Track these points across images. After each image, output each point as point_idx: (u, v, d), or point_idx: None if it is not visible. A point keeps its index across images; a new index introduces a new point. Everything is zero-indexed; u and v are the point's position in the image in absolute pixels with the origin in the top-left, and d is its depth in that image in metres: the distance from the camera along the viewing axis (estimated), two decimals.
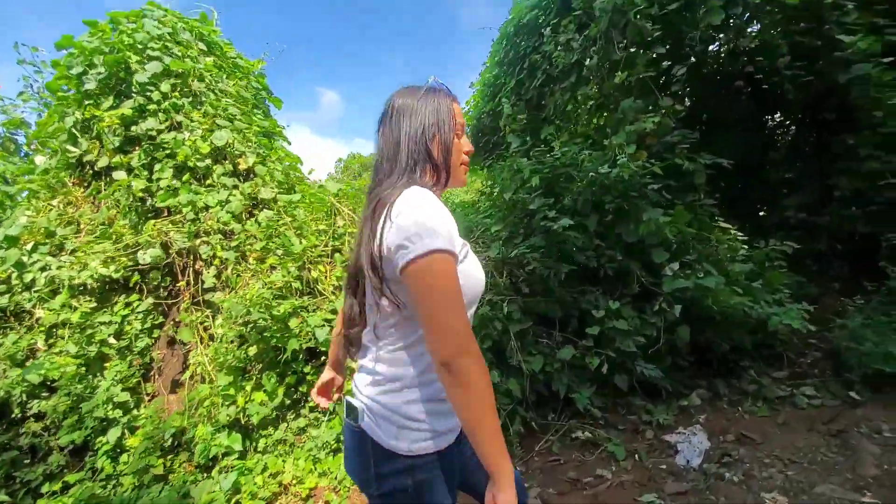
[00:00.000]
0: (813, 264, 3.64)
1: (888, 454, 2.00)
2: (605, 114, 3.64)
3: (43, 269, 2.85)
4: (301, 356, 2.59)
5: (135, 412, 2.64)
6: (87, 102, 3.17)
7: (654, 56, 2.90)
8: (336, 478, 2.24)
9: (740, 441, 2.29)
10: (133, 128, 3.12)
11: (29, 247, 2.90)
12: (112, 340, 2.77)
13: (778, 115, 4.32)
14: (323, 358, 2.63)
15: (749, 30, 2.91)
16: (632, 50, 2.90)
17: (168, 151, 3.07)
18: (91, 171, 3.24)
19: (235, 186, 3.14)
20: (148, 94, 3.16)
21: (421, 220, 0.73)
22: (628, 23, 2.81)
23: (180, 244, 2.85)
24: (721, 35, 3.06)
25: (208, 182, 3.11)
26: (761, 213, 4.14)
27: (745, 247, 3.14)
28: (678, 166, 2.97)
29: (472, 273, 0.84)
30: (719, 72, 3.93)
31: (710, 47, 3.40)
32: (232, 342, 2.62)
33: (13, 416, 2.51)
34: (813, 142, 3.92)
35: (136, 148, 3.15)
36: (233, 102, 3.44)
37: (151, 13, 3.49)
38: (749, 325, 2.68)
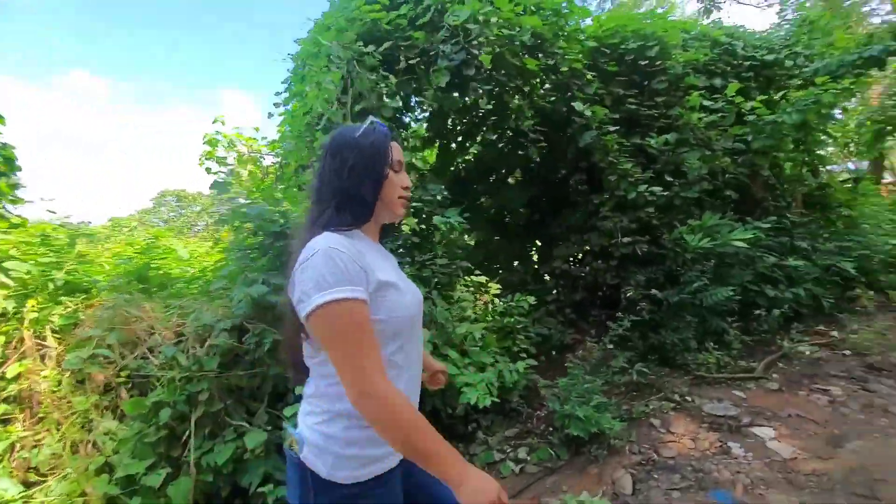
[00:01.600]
0: (572, 313, 3.91)
1: None
2: None
3: None
4: None
5: None
6: None
7: (394, 108, 2.81)
8: None
9: None
10: None
11: None
12: None
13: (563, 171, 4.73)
14: None
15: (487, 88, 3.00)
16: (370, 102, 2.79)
17: None
18: None
19: None
20: None
21: (315, 273, 0.80)
22: (357, 74, 2.69)
23: None
24: (455, 94, 3.14)
25: None
26: (535, 266, 4.40)
27: (498, 300, 3.20)
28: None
29: (394, 303, 0.89)
30: (499, 127, 4.12)
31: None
32: None
33: None
34: (580, 198, 4.30)
35: None
36: None
37: None
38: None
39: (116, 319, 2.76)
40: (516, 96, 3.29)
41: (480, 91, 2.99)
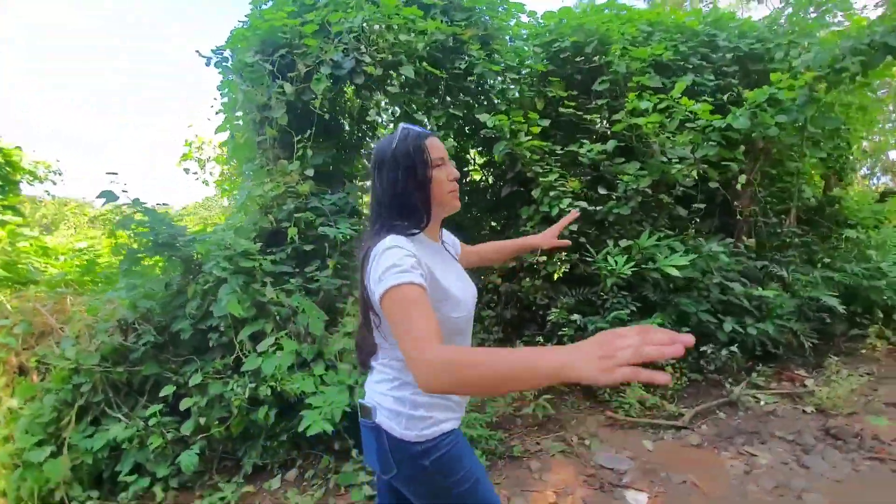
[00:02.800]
0: (501, 331, 3.62)
1: None
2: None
3: None
4: None
5: None
6: None
7: (278, 119, 2.77)
8: None
9: None
10: None
11: None
12: None
13: None
14: None
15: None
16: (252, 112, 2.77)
17: None
18: None
19: None
20: None
21: (381, 265, 0.89)
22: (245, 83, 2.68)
23: None
24: (347, 102, 3.00)
25: None
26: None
27: None
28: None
29: (449, 307, 0.99)
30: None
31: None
32: None
33: None
34: (511, 211, 3.98)
35: None
36: None
37: None
38: None
39: (28, 311, 3.05)
40: (424, 105, 3.08)
41: (375, 99, 2.85)
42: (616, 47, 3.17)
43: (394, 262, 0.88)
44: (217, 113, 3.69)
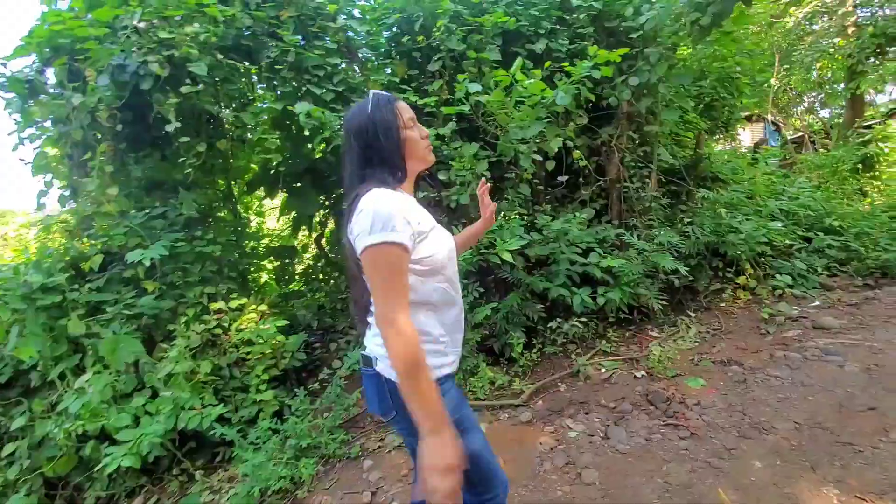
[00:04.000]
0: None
1: None
2: None
3: None
4: None
5: None
6: None
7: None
8: None
9: None
10: None
11: None
12: None
13: None
14: None
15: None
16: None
17: None
18: None
19: None
20: None
21: (366, 219, 0.95)
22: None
23: None
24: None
25: None
26: None
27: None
28: None
29: (434, 244, 1.07)
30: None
31: None
32: None
33: None
34: None
35: None
36: None
37: None
38: None
39: None
40: (231, 104, 2.86)
41: (168, 102, 2.61)
42: (441, 22, 2.97)
43: (380, 216, 0.94)
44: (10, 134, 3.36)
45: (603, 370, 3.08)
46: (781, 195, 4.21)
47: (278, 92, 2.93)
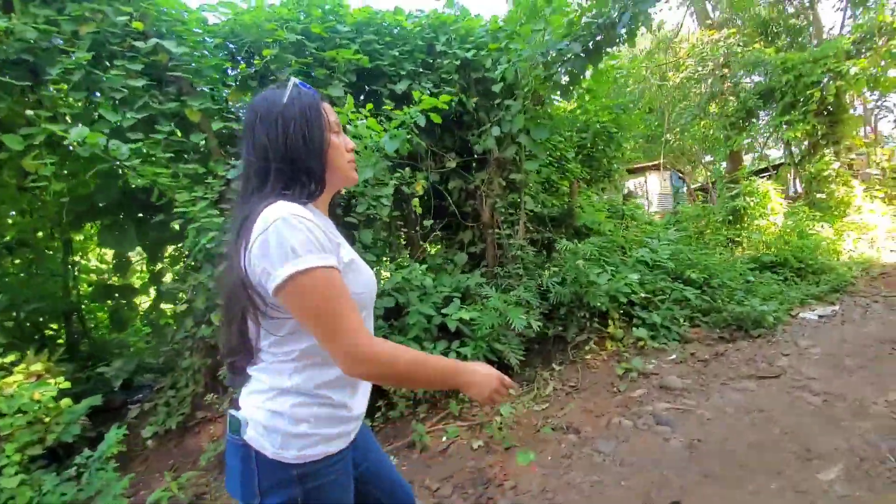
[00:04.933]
0: None
1: None
2: None
3: None
4: None
5: None
6: None
7: None
8: None
9: None
10: None
11: None
12: None
13: None
14: None
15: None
16: None
17: None
18: None
19: None
20: None
21: (278, 243, 0.74)
22: None
23: None
24: None
25: None
26: None
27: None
28: None
29: (355, 281, 0.86)
30: None
31: None
32: None
33: None
34: None
35: None
36: None
37: None
38: None
39: None
40: None
41: None
42: (268, 51, 2.72)
43: (297, 237, 0.74)
44: None
45: (444, 439, 2.80)
46: (649, 246, 4.35)
47: (65, 114, 2.48)
